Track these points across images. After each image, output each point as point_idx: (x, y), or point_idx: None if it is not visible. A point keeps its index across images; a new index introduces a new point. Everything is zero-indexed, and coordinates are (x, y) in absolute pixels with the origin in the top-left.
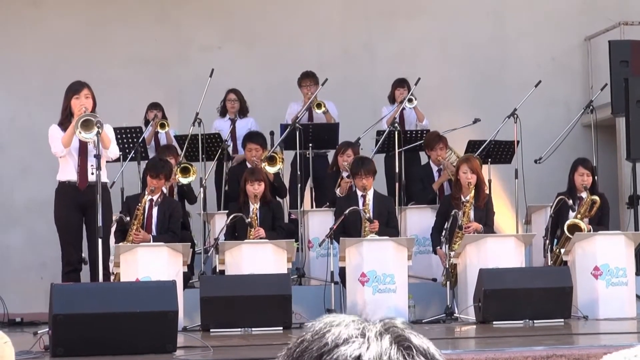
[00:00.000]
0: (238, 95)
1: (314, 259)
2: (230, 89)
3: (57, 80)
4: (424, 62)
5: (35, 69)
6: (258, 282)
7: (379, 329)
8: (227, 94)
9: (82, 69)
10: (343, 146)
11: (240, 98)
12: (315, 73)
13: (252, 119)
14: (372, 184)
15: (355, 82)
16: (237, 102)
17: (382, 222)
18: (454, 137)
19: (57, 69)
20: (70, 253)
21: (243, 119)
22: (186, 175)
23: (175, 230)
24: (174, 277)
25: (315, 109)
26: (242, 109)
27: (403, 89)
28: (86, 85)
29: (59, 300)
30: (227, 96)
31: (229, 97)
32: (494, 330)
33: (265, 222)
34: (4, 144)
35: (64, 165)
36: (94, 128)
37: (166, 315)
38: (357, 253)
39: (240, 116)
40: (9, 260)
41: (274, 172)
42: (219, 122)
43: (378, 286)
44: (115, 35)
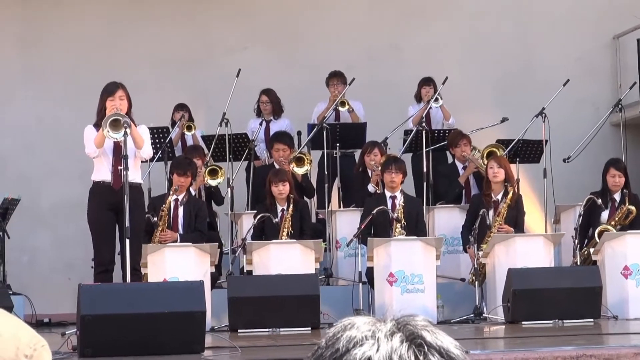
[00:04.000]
0: (270, 96)
1: (342, 259)
2: (262, 90)
3: (83, 81)
4: (450, 61)
5: (60, 70)
6: (286, 283)
7: (389, 328)
8: (260, 95)
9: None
10: (369, 146)
11: (273, 99)
12: (343, 73)
13: (288, 120)
14: (400, 182)
15: (382, 82)
16: (269, 104)
17: (410, 224)
18: (481, 136)
19: (83, 70)
20: (102, 254)
21: (277, 120)
22: (215, 177)
23: (203, 230)
24: (201, 277)
25: (339, 107)
26: (275, 110)
27: (429, 88)
28: (121, 86)
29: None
30: (260, 97)
31: (261, 99)
32: (523, 330)
33: (293, 222)
34: (30, 145)
35: (98, 165)
36: (122, 128)
37: (194, 315)
38: (385, 253)
39: (275, 117)
40: (37, 262)
41: (302, 172)
42: (254, 123)
43: (406, 286)
44: (140, 36)
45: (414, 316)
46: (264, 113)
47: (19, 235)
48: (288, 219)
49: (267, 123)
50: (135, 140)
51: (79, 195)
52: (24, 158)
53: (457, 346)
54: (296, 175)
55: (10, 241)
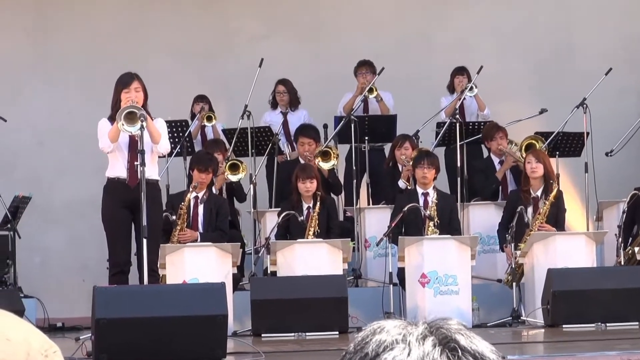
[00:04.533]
0: (287, 86)
1: (371, 259)
2: (279, 80)
3: (97, 73)
4: (485, 50)
5: (73, 61)
6: (312, 284)
7: (421, 331)
8: (276, 85)
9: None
10: (400, 139)
11: (290, 89)
12: (372, 62)
13: (305, 111)
14: (433, 178)
15: (412, 73)
16: (286, 94)
17: (443, 222)
18: (519, 129)
19: (97, 61)
20: (118, 254)
21: (295, 112)
22: (235, 173)
23: (224, 229)
24: (223, 279)
25: (367, 94)
26: (292, 101)
27: (463, 77)
28: (136, 77)
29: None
30: (276, 88)
31: (277, 90)
32: (564, 334)
33: (320, 220)
34: (42, 141)
35: (113, 161)
36: (138, 122)
37: (215, 319)
38: (417, 252)
39: (292, 108)
40: (49, 263)
41: (328, 167)
42: (270, 115)
43: (440, 288)
44: (158, 25)
45: (447, 319)
46: (280, 104)
47: (31, 235)
48: (314, 217)
49: (284, 115)
50: (151, 134)
51: (93, 192)
52: (35, 154)
53: (493, 351)
54: (322, 170)
55: (21, 241)
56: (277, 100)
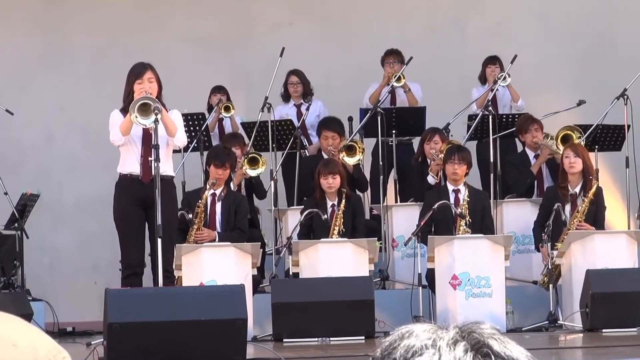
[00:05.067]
0: (300, 77)
1: (399, 260)
2: (291, 71)
3: (110, 64)
4: (519, 38)
5: (85, 52)
6: (337, 286)
7: (452, 336)
8: (288, 76)
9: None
10: (430, 133)
11: (303, 80)
12: (400, 51)
13: (320, 102)
14: (465, 173)
15: (443, 62)
16: (299, 85)
17: (476, 221)
18: (555, 121)
19: (109, 52)
20: (131, 254)
21: (309, 104)
22: (255, 167)
23: (243, 228)
24: (242, 281)
25: (394, 85)
26: (305, 92)
27: (495, 67)
28: (149, 68)
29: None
30: (288, 79)
31: (290, 80)
32: (603, 339)
33: (345, 219)
34: (52, 135)
35: (125, 155)
36: (152, 114)
37: (234, 323)
38: (448, 253)
39: (305, 100)
40: (59, 264)
41: (354, 163)
42: (283, 109)
43: (472, 290)
44: (172, 14)
45: (480, 323)
46: (293, 96)
47: (39, 234)
48: (339, 216)
49: (297, 107)
50: (167, 126)
51: (105, 189)
52: (44, 149)
53: (529, 357)
54: (347, 166)
55: (29, 241)
56: (289, 92)
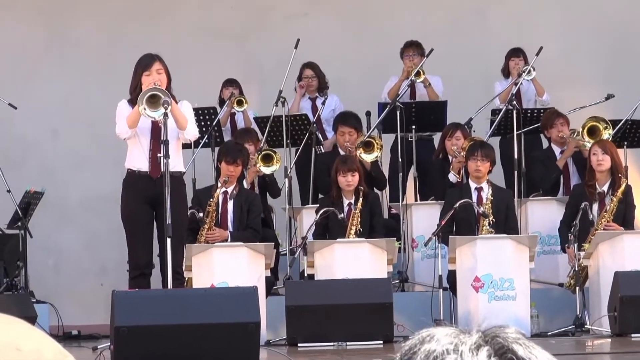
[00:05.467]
0: (315, 70)
1: (419, 261)
2: (305, 64)
3: (118, 56)
4: (545, 29)
5: (91, 43)
6: (353, 288)
7: (475, 341)
8: (303, 69)
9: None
10: (451, 128)
11: (318, 73)
12: (420, 43)
13: (336, 96)
14: (488, 171)
15: (465, 54)
16: (315, 78)
17: (499, 220)
18: (582, 116)
19: (117, 42)
20: (138, 255)
21: (325, 98)
22: (269, 164)
23: (256, 227)
24: (255, 282)
25: (414, 79)
26: (321, 86)
27: (519, 59)
28: (157, 59)
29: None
30: (302, 72)
31: (305, 74)
32: (632, 344)
33: (362, 218)
34: (56, 129)
35: (132, 150)
36: (161, 106)
37: (246, 327)
38: (470, 254)
39: (320, 94)
40: (63, 264)
41: (371, 160)
42: None
43: (495, 293)
44: (183, 3)
45: (504, 327)
46: (308, 90)
47: (43, 234)
48: (356, 215)
49: (312, 101)
50: (176, 119)
51: (112, 186)
52: (48, 144)
53: None
54: (364, 162)
55: (33, 241)
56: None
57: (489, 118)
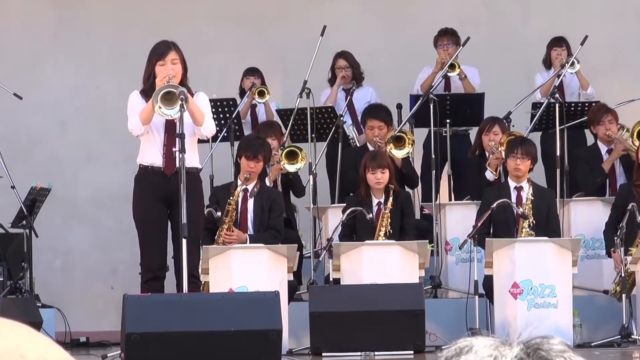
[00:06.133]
0: (349, 59)
1: (453, 265)
2: (338, 53)
3: (132, 43)
4: (590, 16)
5: (104, 29)
6: (382, 294)
7: (516, 353)
8: (336, 59)
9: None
10: (489, 122)
11: (352, 63)
12: (455, 31)
13: (372, 88)
14: (528, 169)
15: (504, 44)
16: (349, 69)
17: (540, 222)
18: (630, 111)
19: (130, 30)
20: (151, 256)
21: (360, 89)
22: (293, 162)
23: (278, 228)
24: (276, 287)
25: (449, 72)
26: (355, 77)
27: (561, 49)
28: (173, 47)
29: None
30: (335, 62)
31: (338, 64)
32: None
33: (392, 218)
34: (66, 121)
35: (145, 144)
36: (178, 102)
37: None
38: (508, 258)
39: (355, 85)
40: (72, 266)
41: (403, 156)
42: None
43: (535, 300)
44: None
45: (548, 338)
46: (342, 81)
47: (50, 233)
48: (386, 215)
49: (347, 93)
50: (193, 115)
51: (124, 183)
52: (56, 137)
53: None
54: (395, 159)
55: (38, 241)
56: (337, 77)
57: (530, 112)
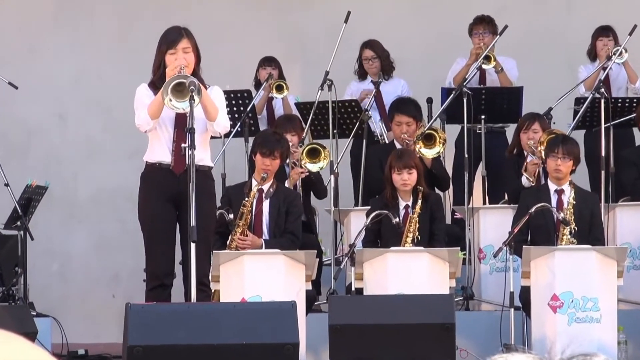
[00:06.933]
0: (377, 49)
1: (487, 275)
2: (364, 43)
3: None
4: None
5: (108, 12)
6: (409, 306)
7: None
8: (362, 49)
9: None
10: (528, 119)
11: (380, 54)
12: (492, 18)
13: (403, 80)
14: (570, 171)
15: (545, 33)
16: (376, 60)
17: (582, 229)
18: None
19: (138, 13)
20: (158, 262)
21: (389, 81)
22: (315, 160)
23: (296, 232)
24: (293, 297)
25: (484, 64)
26: (385, 68)
27: (608, 39)
28: (185, 34)
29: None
30: (362, 53)
31: (364, 55)
32: None
33: (421, 223)
34: (65, 114)
35: (154, 141)
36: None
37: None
38: (547, 267)
39: (385, 77)
40: (71, 272)
41: (433, 155)
42: (357, 86)
43: (576, 314)
44: None
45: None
46: (369, 73)
47: (47, 235)
48: (414, 219)
49: (376, 86)
50: (206, 109)
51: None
52: (54, 131)
53: None
54: (424, 158)
55: (34, 244)
56: (365, 69)
57: (572, 108)
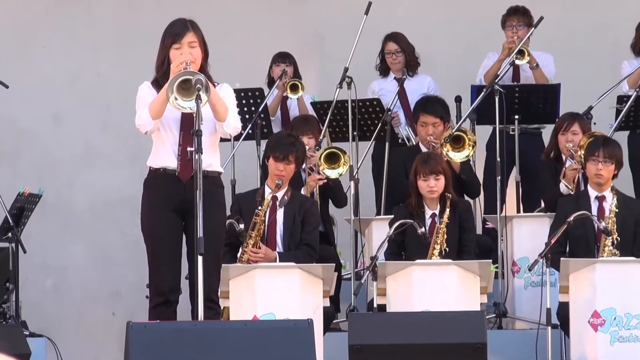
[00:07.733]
0: (401, 43)
1: (521, 290)
2: (387, 36)
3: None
4: None
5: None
6: (436, 324)
7: None
8: (385, 42)
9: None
10: (566, 120)
11: (405, 47)
12: (527, 9)
13: (430, 77)
14: (612, 176)
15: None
16: (400, 54)
17: (626, 239)
18: None
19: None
20: (162, 276)
21: (414, 78)
22: (334, 166)
23: (312, 244)
24: (310, 315)
25: (517, 60)
26: (409, 63)
27: None
28: (191, 27)
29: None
30: (384, 46)
31: (387, 48)
32: None
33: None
34: (61, 114)
35: (158, 144)
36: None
37: None
38: (587, 281)
39: (410, 74)
40: (67, 288)
41: (461, 159)
42: (380, 84)
43: (619, 332)
44: None
45: None
46: (392, 69)
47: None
48: (441, 229)
49: (399, 82)
50: (214, 108)
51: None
52: (49, 134)
53: None
54: (452, 163)
55: (26, 257)
56: (387, 64)
57: (614, 107)
